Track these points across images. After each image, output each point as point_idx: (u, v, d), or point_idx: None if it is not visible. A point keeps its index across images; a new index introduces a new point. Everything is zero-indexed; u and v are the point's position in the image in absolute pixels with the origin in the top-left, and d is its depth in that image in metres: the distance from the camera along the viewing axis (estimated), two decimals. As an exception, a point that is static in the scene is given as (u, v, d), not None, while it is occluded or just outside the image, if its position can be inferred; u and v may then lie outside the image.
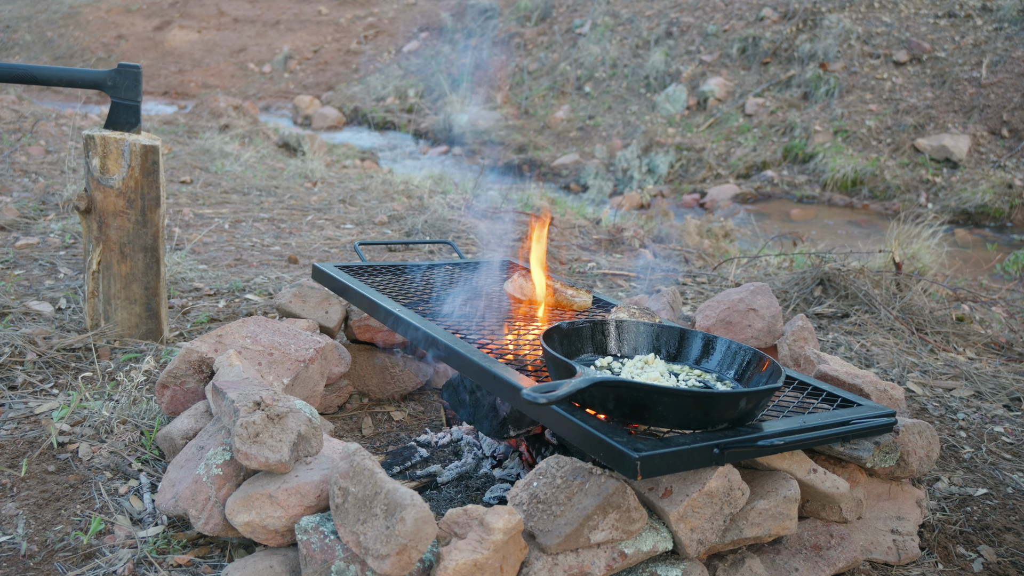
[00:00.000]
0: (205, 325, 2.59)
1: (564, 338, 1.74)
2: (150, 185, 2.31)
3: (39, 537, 1.59)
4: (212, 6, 16.42)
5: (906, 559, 1.79)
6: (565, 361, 1.51)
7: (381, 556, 1.26)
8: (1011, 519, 1.98)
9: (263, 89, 14.06)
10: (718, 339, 1.79)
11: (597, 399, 1.47)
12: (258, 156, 6.36)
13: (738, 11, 11.03)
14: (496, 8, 13.95)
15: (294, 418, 1.53)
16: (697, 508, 1.48)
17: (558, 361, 1.54)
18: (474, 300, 2.21)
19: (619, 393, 1.44)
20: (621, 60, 11.20)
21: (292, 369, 1.94)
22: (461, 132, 10.50)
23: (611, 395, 1.45)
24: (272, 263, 3.46)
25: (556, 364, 1.56)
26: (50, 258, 3.16)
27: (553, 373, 1.60)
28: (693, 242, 4.90)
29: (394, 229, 4.34)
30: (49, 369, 2.22)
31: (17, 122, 5.98)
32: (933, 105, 8.59)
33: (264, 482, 1.48)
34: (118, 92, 2.33)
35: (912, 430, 1.80)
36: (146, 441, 1.91)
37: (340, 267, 2.34)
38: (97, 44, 15.12)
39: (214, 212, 4.33)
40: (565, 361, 1.51)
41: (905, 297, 3.32)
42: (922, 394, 2.62)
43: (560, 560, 1.42)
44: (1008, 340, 3.19)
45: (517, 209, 5.14)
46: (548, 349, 1.58)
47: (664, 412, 1.43)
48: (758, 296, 2.34)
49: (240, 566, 1.42)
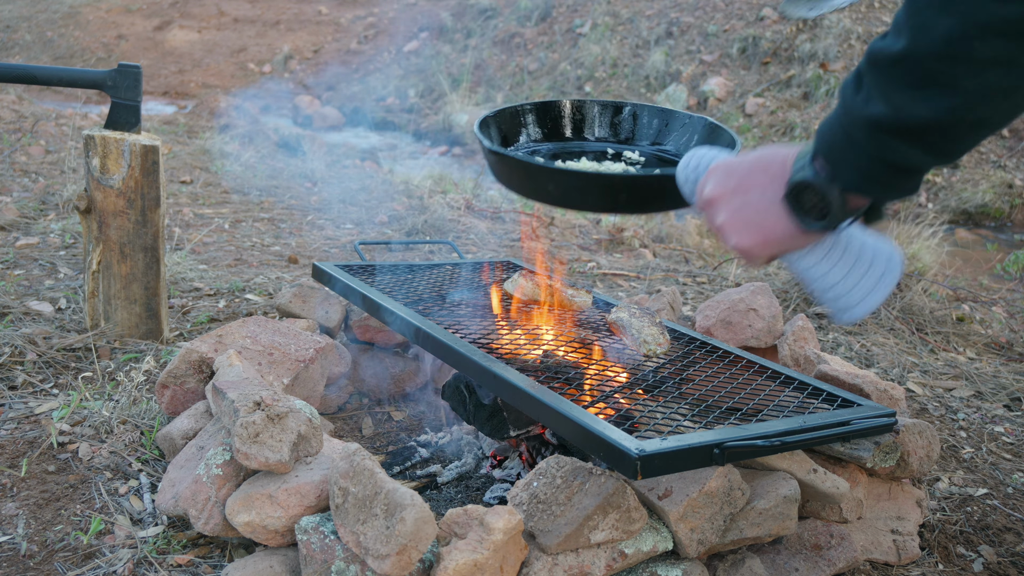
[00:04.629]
0: (205, 325, 2.59)
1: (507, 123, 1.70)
2: (150, 185, 2.31)
3: (39, 537, 1.59)
4: (212, 6, 16.42)
5: (906, 559, 1.79)
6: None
7: (381, 556, 1.26)
8: (1011, 519, 1.98)
9: (263, 89, 14.06)
10: (674, 113, 1.74)
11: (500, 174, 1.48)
12: (258, 156, 6.36)
13: (738, 11, 11.03)
14: (496, 8, 13.95)
15: (294, 418, 1.53)
16: (697, 508, 1.48)
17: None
18: (474, 300, 2.21)
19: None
20: (621, 60, 11.20)
21: (292, 369, 1.94)
22: (461, 132, 10.50)
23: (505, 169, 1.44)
24: (272, 263, 3.46)
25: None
26: (50, 258, 3.16)
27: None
28: (693, 242, 4.90)
29: (394, 229, 4.34)
30: (49, 369, 2.22)
31: (17, 122, 5.98)
32: (933, 105, 8.57)
33: (264, 482, 1.48)
34: (118, 92, 2.33)
35: (912, 430, 1.80)
36: (146, 441, 1.91)
37: (340, 267, 2.34)
38: (97, 44, 15.12)
39: (214, 212, 4.33)
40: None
41: (905, 297, 3.32)
42: (922, 394, 2.62)
43: (560, 560, 1.42)
44: (1008, 340, 3.19)
45: (517, 209, 5.14)
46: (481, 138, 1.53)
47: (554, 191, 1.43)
48: (758, 296, 2.34)
49: (240, 566, 1.42)
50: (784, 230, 1.09)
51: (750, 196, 1.11)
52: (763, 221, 1.09)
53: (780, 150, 1.10)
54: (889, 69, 0.92)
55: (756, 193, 1.10)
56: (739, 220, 1.11)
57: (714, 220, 1.16)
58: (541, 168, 1.44)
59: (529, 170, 1.44)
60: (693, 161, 1.26)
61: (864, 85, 0.95)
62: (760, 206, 1.09)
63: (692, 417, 1.56)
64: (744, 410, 1.61)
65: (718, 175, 1.15)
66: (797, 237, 1.09)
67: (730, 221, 1.12)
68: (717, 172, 1.16)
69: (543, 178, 1.43)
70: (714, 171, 1.17)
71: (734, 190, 1.12)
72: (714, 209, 1.15)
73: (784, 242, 1.10)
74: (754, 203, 1.10)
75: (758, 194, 1.10)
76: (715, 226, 1.16)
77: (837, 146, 0.99)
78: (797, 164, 1.06)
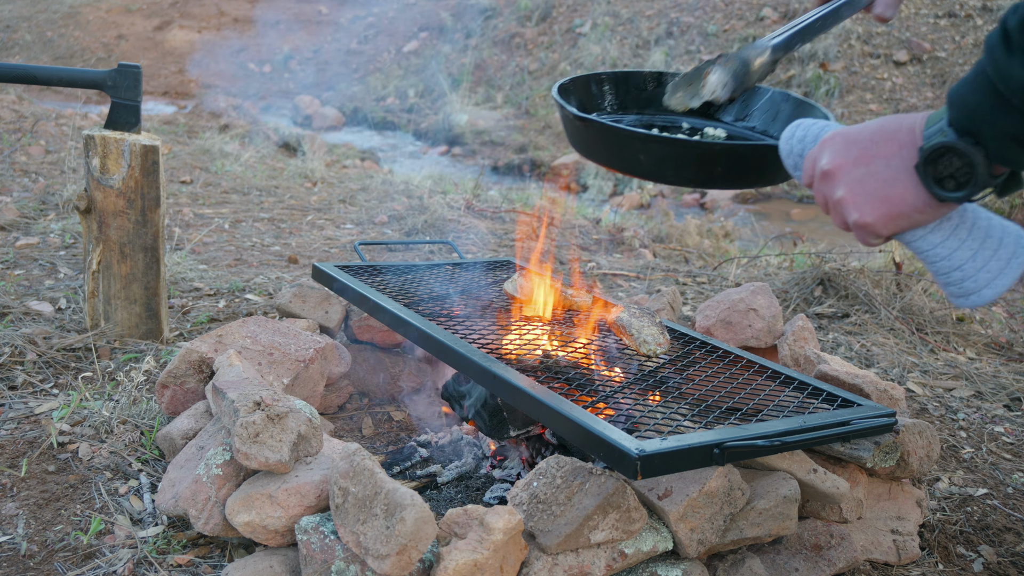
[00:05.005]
0: (205, 325, 2.59)
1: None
2: (150, 185, 2.31)
3: (39, 537, 1.59)
4: (212, 6, 16.42)
5: (906, 559, 1.79)
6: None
7: (381, 556, 1.26)
8: (1011, 519, 1.98)
9: (263, 89, 14.07)
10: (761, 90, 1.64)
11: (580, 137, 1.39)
12: (258, 156, 6.36)
13: (738, 11, 11.03)
14: (496, 8, 13.95)
15: (294, 418, 1.53)
16: (697, 508, 1.48)
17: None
18: (474, 300, 2.21)
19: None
20: (621, 60, 11.20)
21: (292, 369, 1.94)
22: (461, 132, 10.51)
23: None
24: (272, 263, 3.46)
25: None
26: (50, 258, 3.16)
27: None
28: (693, 242, 4.91)
29: (394, 229, 4.34)
30: (49, 369, 2.22)
31: (17, 122, 5.98)
32: (933, 105, 8.58)
33: (264, 482, 1.48)
34: (118, 92, 2.33)
35: (912, 430, 1.80)
36: (146, 441, 1.91)
37: (340, 267, 2.34)
38: (97, 44, 15.12)
39: (214, 212, 4.33)
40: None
41: (905, 297, 3.32)
42: (922, 394, 2.62)
43: (560, 560, 1.42)
44: (1008, 340, 3.19)
45: (517, 209, 5.14)
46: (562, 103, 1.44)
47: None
48: (758, 296, 2.34)
49: (240, 566, 1.42)
50: (913, 202, 1.01)
51: (874, 166, 1.03)
52: (889, 193, 1.02)
53: (904, 118, 1.03)
54: None
55: (881, 163, 1.02)
56: (861, 193, 1.03)
57: (831, 193, 1.07)
58: (635, 135, 1.32)
59: (621, 138, 1.33)
60: (799, 132, 1.18)
61: (1018, 47, 0.88)
62: (886, 176, 1.01)
63: (692, 417, 1.56)
64: (744, 410, 1.61)
65: (835, 145, 1.07)
66: (927, 210, 1.02)
67: (851, 194, 1.04)
68: (834, 142, 1.07)
69: (635, 147, 1.31)
70: (830, 141, 1.08)
71: (855, 160, 1.04)
72: (832, 182, 1.06)
73: (911, 216, 1.02)
74: (880, 173, 1.02)
75: (883, 164, 1.02)
76: (832, 200, 1.07)
77: (982, 111, 0.93)
78: (930, 129, 0.99)
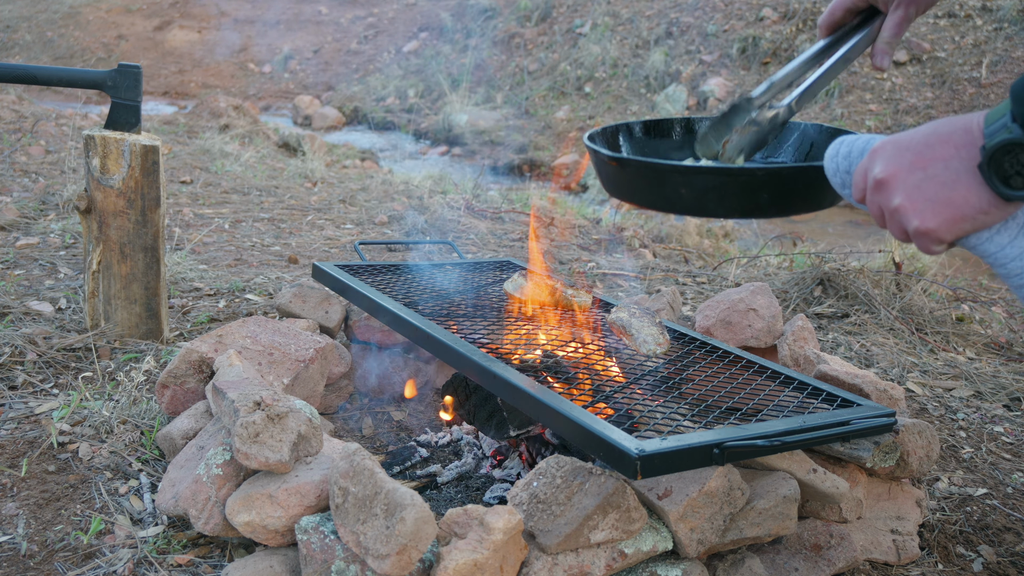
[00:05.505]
0: (205, 325, 2.59)
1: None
2: (150, 185, 2.31)
3: (39, 537, 1.59)
4: (212, 6, 16.42)
5: (906, 559, 1.79)
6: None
7: (381, 556, 1.26)
8: (1011, 519, 1.98)
9: (263, 89, 14.07)
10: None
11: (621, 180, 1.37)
12: (258, 156, 6.36)
13: (738, 11, 11.03)
14: (496, 8, 13.96)
15: (294, 418, 1.53)
16: (697, 508, 1.48)
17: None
18: (474, 300, 2.21)
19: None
20: (621, 60, 11.21)
21: (292, 369, 1.94)
22: (461, 132, 10.51)
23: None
24: (272, 263, 3.46)
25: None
26: (50, 258, 3.16)
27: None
28: (693, 242, 4.91)
29: (394, 229, 4.34)
30: (49, 369, 2.22)
31: (17, 122, 5.98)
32: (933, 105, 8.58)
33: (264, 482, 1.48)
34: (118, 92, 2.33)
35: (912, 430, 1.80)
36: (146, 441, 1.91)
37: (340, 267, 2.34)
38: (97, 44, 15.12)
39: (214, 212, 4.33)
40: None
41: (905, 297, 3.32)
42: (922, 394, 2.63)
43: (560, 560, 1.42)
44: (1008, 340, 3.19)
45: (517, 209, 5.14)
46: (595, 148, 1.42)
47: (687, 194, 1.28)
48: (758, 296, 2.34)
49: (240, 566, 1.42)
50: (977, 203, 0.98)
51: (932, 170, 1.00)
52: (951, 196, 0.99)
53: (956, 119, 1.00)
54: None
55: (939, 166, 0.99)
56: (921, 198, 1.00)
57: (888, 203, 1.04)
58: (675, 168, 1.29)
59: (661, 173, 1.29)
60: (843, 148, 1.16)
61: None
62: (946, 179, 0.99)
63: (692, 417, 1.56)
64: (744, 410, 1.61)
65: (887, 153, 1.05)
66: (992, 210, 0.98)
67: (910, 201, 1.01)
68: (885, 151, 1.05)
69: (676, 181, 1.28)
70: (879, 151, 1.06)
71: (911, 166, 1.01)
72: (887, 191, 1.03)
73: (975, 218, 0.99)
74: (938, 177, 0.99)
75: (941, 166, 0.99)
76: (889, 209, 1.04)
77: None
78: (991, 127, 0.96)
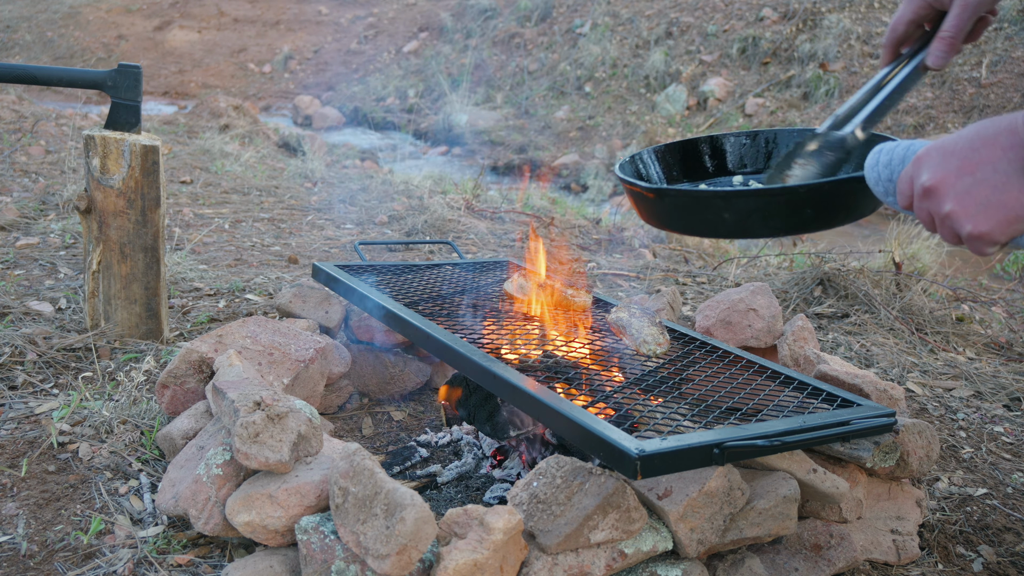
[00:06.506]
0: (205, 325, 2.59)
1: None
2: (150, 185, 2.31)
3: (39, 537, 1.59)
4: (212, 6, 16.42)
5: (906, 559, 1.79)
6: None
7: (381, 556, 1.26)
8: (1011, 519, 1.98)
9: (263, 89, 14.07)
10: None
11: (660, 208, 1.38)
12: (258, 156, 6.36)
13: (738, 11, 11.03)
14: (496, 8, 13.96)
15: (294, 418, 1.53)
16: (697, 508, 1.48)
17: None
18: (474, 300, 2.21)
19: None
20: (621, 60, 11.21)
21: (292, 369, 1.94)
22: (461, 132, 10.51)
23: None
24: (272, 263, 3.46)
25: None
26: (50, 258, 3.16)
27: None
28: (693, 242, 4.90)
29: (394, 229, 4.34)
30: (49, 369, 2.22)
31: (17, 122, 5.98)
32: (933, 105, 8.59)
33: (264, 482, 1.48)
34: (118, 92, 2.33)
35: (912, 430, 1.80)
36: (146, 441, 1.91)
37: (340, 267, 2.34)
38: (97, 44, 15.12)
39: (214, 212, 4.33)
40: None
41: (905, 297, 3.32)
42: (922, 394, 2.63)
43: (560, 560, 1.42)
44: (1008, 340, 3.19)
45: (517, 209, 5.14)
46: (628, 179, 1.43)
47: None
48: (758, 296, 2.34)
49: (240, 566, 1.42)
50: None
51: (980, 174, 1.00)
52: (1002, 198, 0.99)
53: (998, 120, 1.00)
54: None
55: (987, 169, 0.99)
56: (972, 202, 1.00)
57: (938, 209, 1.04)
58: (716, 194, 1.28)
59: (701, 201, 1.30)
60: (883, 157, 1.15)
61: None
62: (996, 182, 0.99)
63: (692, 417, 1.56)
64: (744, 410, 1.61)
65: (932, 160, 1.04)
66: None
67: (961, 206, 1.01)
68: (930, 157, 1.05)
69: (717, 207, 1.28)
70: (924, 158, 1.05)
71: (958, 171, 1.01)
72: (937, 197, 1.03)
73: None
74: (988, 180, 0.99)
75: (990, 169, 0.99)
76: (940, 215, 1.04)
77: None
78: None
